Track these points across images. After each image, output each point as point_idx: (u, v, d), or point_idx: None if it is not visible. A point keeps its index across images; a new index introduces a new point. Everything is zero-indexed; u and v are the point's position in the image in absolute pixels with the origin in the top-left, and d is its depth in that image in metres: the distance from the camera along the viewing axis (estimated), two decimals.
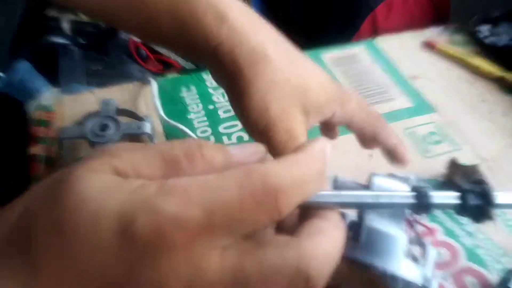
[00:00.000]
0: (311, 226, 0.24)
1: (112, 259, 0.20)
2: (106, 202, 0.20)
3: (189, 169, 0.23)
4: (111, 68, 0.89)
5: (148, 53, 0.92)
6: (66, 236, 0.20)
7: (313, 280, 0.22)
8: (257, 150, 0.26)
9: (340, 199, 0.26)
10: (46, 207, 0.21)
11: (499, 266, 0.51)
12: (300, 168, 0.23)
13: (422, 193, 0.27)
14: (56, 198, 0.21)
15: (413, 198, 0.27)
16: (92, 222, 0.20)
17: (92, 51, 0.91)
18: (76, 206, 0.20)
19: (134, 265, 0.20)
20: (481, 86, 0.75)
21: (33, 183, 0.57)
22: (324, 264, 0.22)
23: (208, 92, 0.71)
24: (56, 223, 0.20)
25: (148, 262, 0.20)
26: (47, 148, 0.61)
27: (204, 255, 0.21)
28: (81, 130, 0.57)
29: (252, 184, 0.21)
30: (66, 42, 0.90)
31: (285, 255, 0.22)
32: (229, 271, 0.21)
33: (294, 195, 0.22)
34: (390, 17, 1.03)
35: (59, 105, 0.67)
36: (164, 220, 0.20)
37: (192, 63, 0.40)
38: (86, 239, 0.20)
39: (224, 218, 0.21)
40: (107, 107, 0.60)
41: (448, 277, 0.49)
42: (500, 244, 0.53)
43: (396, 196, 0.27)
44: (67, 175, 0.22)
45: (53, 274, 0.20)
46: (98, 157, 0.23)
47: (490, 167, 0.62)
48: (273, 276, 0.21)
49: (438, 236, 0.53)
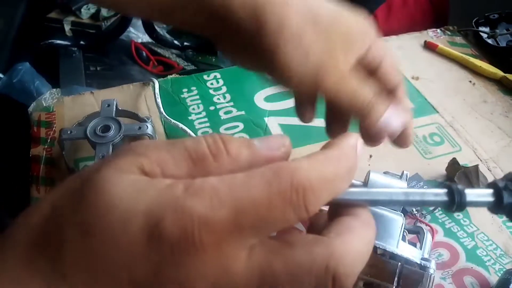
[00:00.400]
0: (340, 224, 0.24)
1: (141, 259, 0.20)
2: (134, 203, 0.20)
3: (216, 167, 0.23)
4: (111, 69, 0.89)
5: (148, 54, 0.92)
6: (96, 238, 0.20)
7: (342, 279, 0.21)
8: (283, 142, 0.25)
9: (371, 196, 0.26)
10: (75, 209, 0.21)
11: (498, 266, 0.51)
12: (330, 165, 0.22)
13: (455, 191, 0.26)
14: (84, 199, 0.21)
15: (446, 196, 0.26)
16: (121, 223, 0.20)
17: (92, 53, 0.91)
18: (105, 208, 0.20)
19: (161, 265, 0.20)
20: (482, 87, 0.75)
21: (33, 184, 0.57)
22: (353, 263, 0.22)
23: (209, 93, 0.71)
24: (86, 226, 0.20)
25: (175, 262, 0.20)
26: (48, 149, 0.62)
27: (232, 255, 0.21)
28: (82, 131, 0.57)
29: (280, 182, 0.21)
30: (66, 43, 0.90)
31: (314, 254, 0.21)
32: (257, 271, 0.21)
33: (322, 193, 0.22)
34: (390, 19, 1.03)
35: (60, 106, 0.67)
36: (192, 220, 0.20)
37: (200, 35, 0.37)
38: (116, 241, 0.20)
39: (253, 217, 0.21)
40: (107, 108, 0.60)
41: (448, 277, 0.49)
42: (500, 244, 0.53)
43: (428, 193, 0.26)
44: (94, 175, 0.21)
45: (82, 278, 0.20)
46: (125, 155, 0.22)
47: (491, 167, 0.62)
48: (301, 275, 0.21)
49: (438, 236, 0.53)
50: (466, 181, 0.57)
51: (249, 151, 0.23)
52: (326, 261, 0.21)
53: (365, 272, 0.34)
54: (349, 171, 0.23)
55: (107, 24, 0.98)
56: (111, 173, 0.21)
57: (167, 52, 0.95)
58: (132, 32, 0.97)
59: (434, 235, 0.53)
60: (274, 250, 0.21)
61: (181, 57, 0.97)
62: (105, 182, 0.21)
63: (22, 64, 0.74)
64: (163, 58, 0.93)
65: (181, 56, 0.97)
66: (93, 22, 0.97)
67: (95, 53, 0.92)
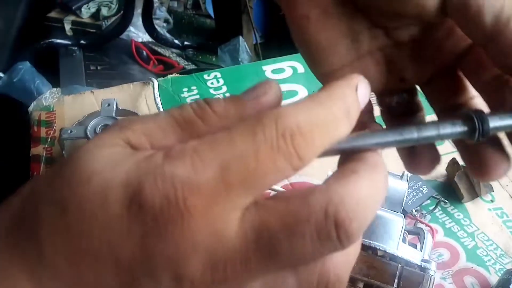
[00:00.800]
0: (341, 170, 0.21)
1: (123, 235, 0.18)
2: (111, 175, 0.19)
3: (205, 130, 0.21)
4: (111, 68, 0.89)
5: (149, 53, 0.92)
6: (73, 215, 0.19)
7: (346, 224, 0.19)
8: (269, 86, 0.23)
9: (380, 138, 0.22)
10: (50, 186, 0.20)
11: (499, 266, 0.51)
12: (320, 107, 0.20)
13: (475, 116, 0.22)
14: (60, 176, 0.19)
15: (464, 125, 0.23)
16: (98, 197, 0.18)
17: (93, 52, 0.91)
18: (80, 182, 0.19)
19: (146, 239, 0.18)
20: None
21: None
22: (358, 207, 0.19)
23: (209, 92, 0.71)
24: (61, 202, 0.19)
25: (161, 233, 0.18)
26: (48, 149, 0.62)
27: (223, 218, 0.19)
28: (82, 130, 0.57)
29: (264, 129, 0.19)
30: (67, 42, 0.90)
31: (310, 201, 0.19)
32: (251, 231, 0.19)
33: (314, 138, 0.19)
34: None
35: (60, 106, 0.67)
36: (174, 186, 0.18)
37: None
38: (93, 216, 0.18)
39: (240, 173, 0.19)
40: (108, 108, 0.60)
41: (448, 277, 0.49)
42: (500, 244, 0.53)
43: (444, 124, 0.23)
44: (74, 153, 0.20)
45: (61, 259, 0.19)
46: (110, 131, 0.21)
47: None
48: (299, 226, 0.19)
49: (439, 236, 0.53)
50: (466, 181, 0.57)
51: (236, 106, 0.22)
52: (324, 207, 0.19)
53: (365, 273, 0.34)
54: (346, 112, 0.21)
55: (107, 24, 0.98)
56: (90, 148, 0.20)
57: (168, 52, 0.95)
58: (132, 32, 0.97)
59: (434, 235, 0.53)
60: (268, 207, 0.19)
61: (181, 56, 0.97)
62: (82, 157, 0.19)
63: (22, 64, 0.74)
64: (163, 57, 0.93)
65: (182, 55, 0.97)
66: (94, 22, 0.97)
67: (96, 53, 0.92)
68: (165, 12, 1.13)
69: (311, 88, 0.71)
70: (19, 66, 0.73)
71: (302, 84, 0.72)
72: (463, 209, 0.56)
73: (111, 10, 0.99)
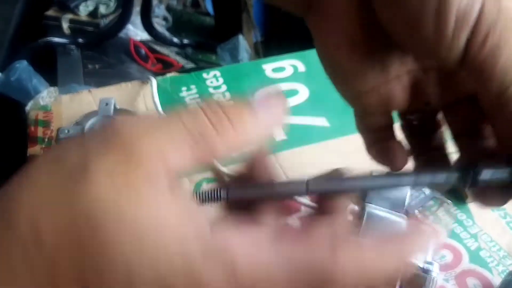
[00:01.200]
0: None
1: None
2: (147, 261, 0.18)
3: (220, 142, 0.21)
4: (110, 67, 0.88)
5: (147, 52, 0.91)
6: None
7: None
8: (281, 102, 0.23)
9: (376, 182, 0.25)
10: (72, 259, 0.18)
11: (502, 268, 0.50)
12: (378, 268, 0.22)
13: (470, 168, 0.24)
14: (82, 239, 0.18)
15: (457, 173, 0.25)
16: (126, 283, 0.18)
17: (91, 51, 0.91)
18: (107, 261, 0.18)
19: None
20: None
21: None
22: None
23: (208, 91, 0.71)
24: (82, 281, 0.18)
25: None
26: (46, 149, 0.61)
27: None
28: (80, 130, 0.56)
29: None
30: (64, 41, 0.90)
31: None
32: None
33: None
34: None
35: (58, 105, 0.67)
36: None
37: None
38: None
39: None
40: (105, 107, 0.59)
41: (451, 279, 0.49)
42: (503, 246, 0.52)
43: (440, 174, 0.25)
44: (85, 184, 0.18)
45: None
46: (114, 152, 0.19)
47: None
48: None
49: (442, 238, 0.53)
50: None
51: (251, 118, 0.22)
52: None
53: None
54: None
55: (105, 22, 0.98)
56: (105, 198, 0.18)
57: (167, 50, 0.95)
58: (130, 30, 0.96)
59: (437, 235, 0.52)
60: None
61: (180, 54, 0.96)
62: (103, 217, 0.18)
63: (19, 62, 0.73)
64: (162, 56, 0.93)
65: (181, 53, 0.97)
66: (91, 20, 0.97)
67: (93, 51, 0.92)
68: (164, 10, 1.13)
69: (312, 87, 0.70)
70: (16, 65, 0.73)
71: (302, 83, 0.72)
72: (466, 210, 0.56)
73: (109, 8, 0.98)
